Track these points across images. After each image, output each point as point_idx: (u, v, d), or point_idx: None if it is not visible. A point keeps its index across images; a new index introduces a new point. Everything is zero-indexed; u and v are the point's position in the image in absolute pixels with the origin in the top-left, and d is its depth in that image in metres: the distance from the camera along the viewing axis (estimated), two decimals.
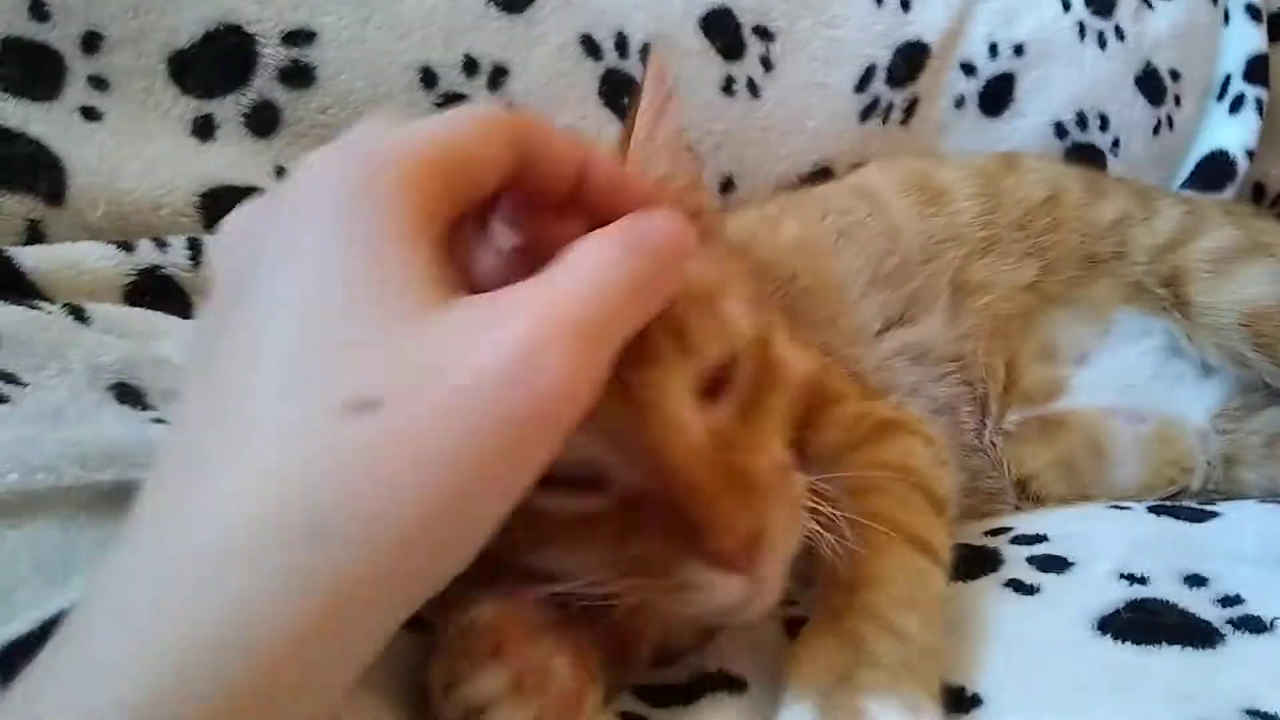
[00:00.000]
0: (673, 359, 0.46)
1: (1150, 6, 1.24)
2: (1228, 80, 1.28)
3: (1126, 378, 0.88)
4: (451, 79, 0.91)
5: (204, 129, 0.84)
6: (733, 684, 0.54)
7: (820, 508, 0.53)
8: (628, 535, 0.47)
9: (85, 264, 0.76)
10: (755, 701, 0.52)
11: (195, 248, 0.80)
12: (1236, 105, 1.27)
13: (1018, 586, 0.63)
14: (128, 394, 0.67)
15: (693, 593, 0.46)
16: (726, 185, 1.06)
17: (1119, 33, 1.22)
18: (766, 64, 1.05)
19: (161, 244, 0.79)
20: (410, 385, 0.34)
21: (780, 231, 0.88)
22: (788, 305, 0.79)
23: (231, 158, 0.85)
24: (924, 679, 0.50)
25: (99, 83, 0.81)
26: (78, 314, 0.72)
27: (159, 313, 0.77)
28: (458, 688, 0.46)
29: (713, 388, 0.49)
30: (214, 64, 0.84)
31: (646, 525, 0.46)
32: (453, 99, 0.91)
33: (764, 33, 1.05)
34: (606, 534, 0.47)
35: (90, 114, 0.80)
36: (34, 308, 0.68)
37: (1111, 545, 0.68)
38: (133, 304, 0.77)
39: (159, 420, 0.65)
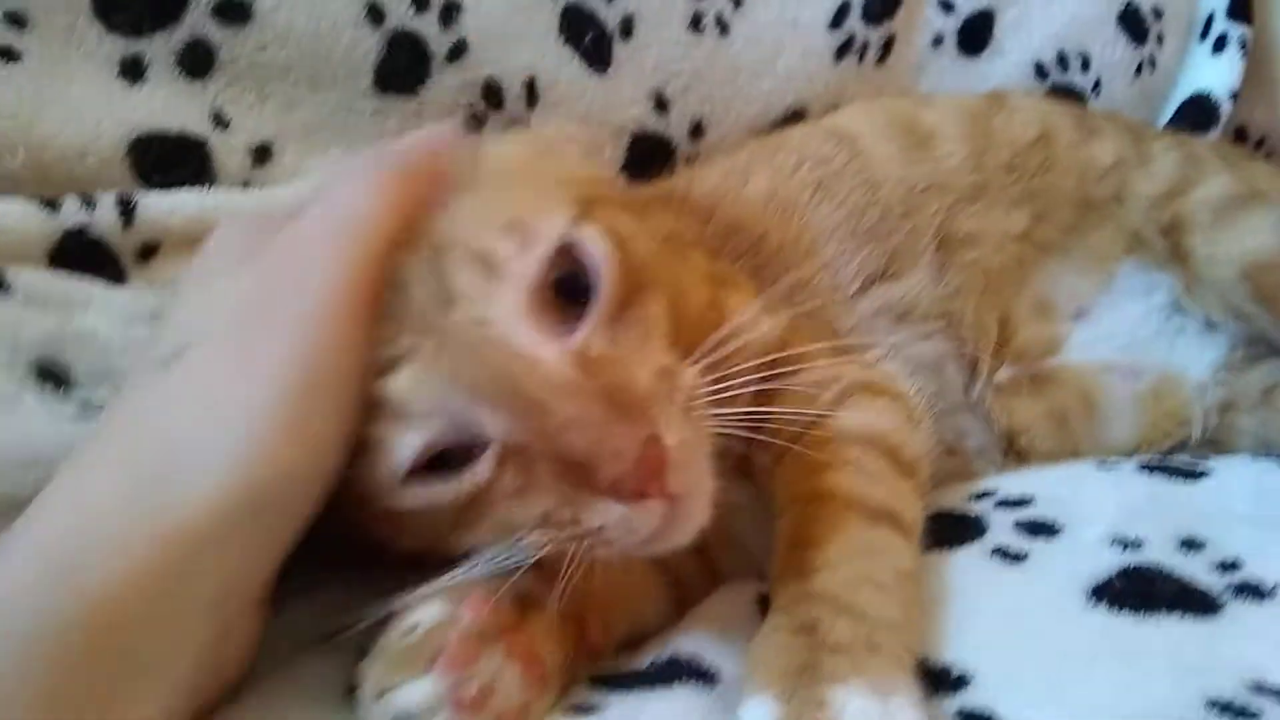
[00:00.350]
0: (481, 285, 0.45)
1: None
2: (1210, 18, 1.24)
3: (1129, 334, 0.85)
4: (400, 14, 0.85)
5: (132, 70, 0.78)
6: (703, 675, 0.51)
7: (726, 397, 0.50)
8: (526, 494, 0.46)
9: (5, 223, 0.70)
10: (724, 697, 0.49)
11: (126, 205, 0.75)
12: (1220, 45, 1.23)
13: (1005, 554, 0.60)
14: (49, 374, 0.63)
15: (609, 532, 0.44)
16: (696, 130, 1.00)
17: None
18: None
19: (89, 202, 0.74)
20: (201, 331, 0.42)
21: (749, 185, 0.84)
22: (759, 265, 0.76)
23: (163, 101, 0.79)
24: (892, 656, 0.47)
25: (16, 20, 0.75)
26: None
27: (86, 278, 0.72)
28: (390, 694, 0.44)
29: (564, 304, 0.47)
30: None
31: (540, 478, 0.45)
32: (402, 37, 0.85)
33: None
34: (506, 500, 0.46)
35: (8, 54, 0.74)
36: None
37: (1102, 508, 0.65)
38: (57, 267, 0.72)
39: (86, 403, 0.61)
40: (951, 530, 0.62)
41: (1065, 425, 0.82)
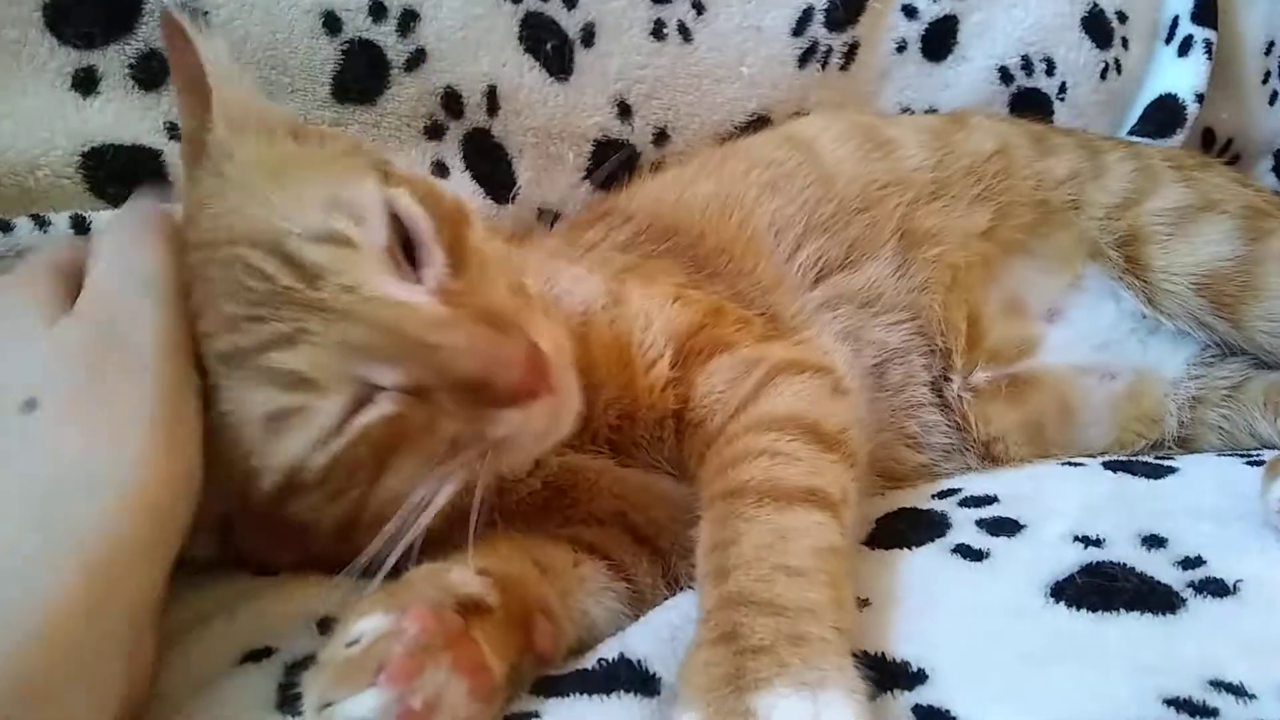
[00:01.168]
0: (341, 257, 0.50)
1: None
2: (1175, 22, 1.25)
3: (1104, 335, 0.85)
4: (357, 24, 0.85)
5: (86, 82, 0.77)
6: (646, 682, 0.50)
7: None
8: (433, 425, 0.50)
9: None
10: (661, 711, 0.48)
11: (80, 225, 0.74)
12: (1185, 48, 1.23)
13: (966, 552, 0.59)
14: None
15: (514, 439, 0.50)
16: (660, 136, 1.00)
17: None
18: (698, 6, 1.00)
19: (42, 222, 0.73)
20: (50, 379, 0.47)
21: (688, 194, 0.86)
22: (694, 261, 0.78)
23: (117, 113, 0.78)
24: (819, 644, 0.45)
25: None
26: None
27: None
28: (334, 707, 0.43)
29: (407, 258, 0.53)
30: (95, 10, 0.77)
31: (443, 407, 0.49)
32: (359, 45, 0.85)
33: None
34: (417, 435, 0.50)
35: None
36: None
37: (1065, 505, 0.65)
38: None
39: None
40: (913, 528, 0.62)
41: (1041, 434, 0.82)
